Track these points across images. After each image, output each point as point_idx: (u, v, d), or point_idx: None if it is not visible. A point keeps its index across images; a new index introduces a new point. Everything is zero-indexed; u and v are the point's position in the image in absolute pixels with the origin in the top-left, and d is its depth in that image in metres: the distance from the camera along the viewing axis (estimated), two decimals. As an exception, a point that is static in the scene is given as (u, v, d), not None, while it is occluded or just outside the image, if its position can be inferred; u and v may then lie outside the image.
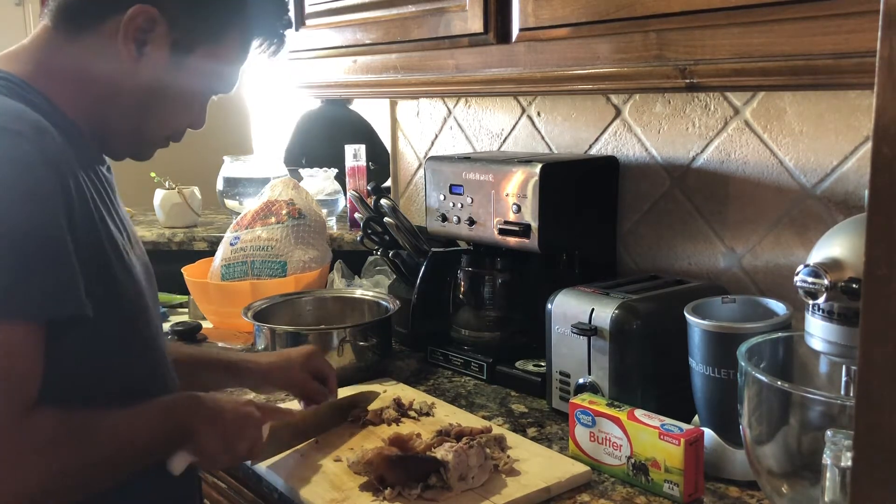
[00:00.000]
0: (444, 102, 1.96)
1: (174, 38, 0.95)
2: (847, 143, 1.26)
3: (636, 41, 1.09)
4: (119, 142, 1.00)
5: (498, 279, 1.55)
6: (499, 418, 1.35)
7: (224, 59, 1.01)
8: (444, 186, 1.56)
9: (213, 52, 0.99)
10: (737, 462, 1.10)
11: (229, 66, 1.03)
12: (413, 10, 1.42)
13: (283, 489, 1.14)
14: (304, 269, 1.88)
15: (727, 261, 1.44)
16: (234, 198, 2.49)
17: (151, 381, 1.01)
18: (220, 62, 1.00)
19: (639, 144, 1.55)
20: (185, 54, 0.96)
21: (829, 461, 0.75)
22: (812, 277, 0.80)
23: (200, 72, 0.99)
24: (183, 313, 2.07)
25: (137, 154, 1.04)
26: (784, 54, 0.94)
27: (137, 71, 0.94)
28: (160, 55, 0.95)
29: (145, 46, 0.94)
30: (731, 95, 1.39)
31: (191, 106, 1.03)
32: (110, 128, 0.98)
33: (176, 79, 0.97)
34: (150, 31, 0.93)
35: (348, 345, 1.49)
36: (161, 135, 1.03)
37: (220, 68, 1.02)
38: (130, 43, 0.93)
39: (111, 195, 1.00)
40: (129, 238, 1.01)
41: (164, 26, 0.94)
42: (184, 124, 1.04)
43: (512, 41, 1.26)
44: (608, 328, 1.23)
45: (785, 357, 1.00)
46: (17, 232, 0.80)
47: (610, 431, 1.13)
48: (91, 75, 0.94)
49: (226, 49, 1.00)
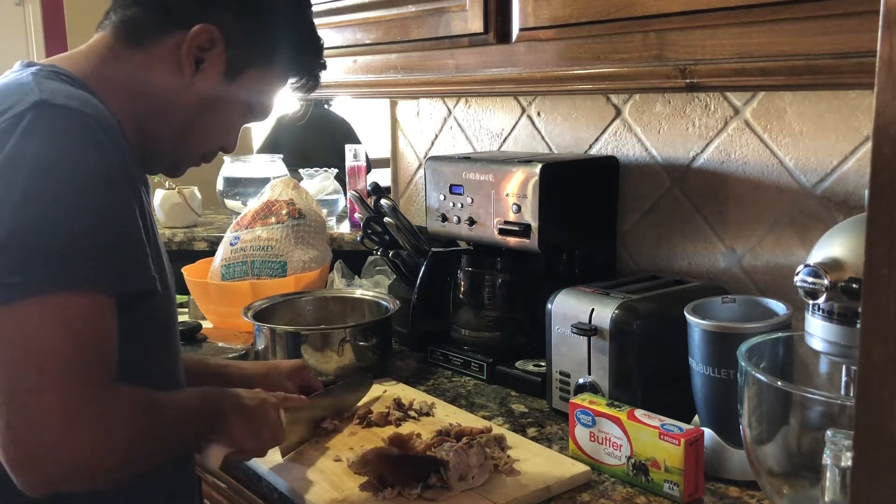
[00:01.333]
0: (444, 102, 1.96)
1: (229, 59, 0.99)
2: (847, 143, 1.26)
3: (636, 41, 1.09)
4: (158, 156, 1.03)
5: (498, 279, 1.55)
6: (499, 418, 1.35)
7: (267, 85, 1.05)
8: (444, 186, 1.56)
9: (261, 76, 1.03)
10: (737, 462, 1.10)
11: (270, 94, 1.07)
12: (413, 10, 1.42)
13: (284, 489, 1.14)
14: (304, 269, 1.88)
15: (727, 261, 1.44)
16: (234, 198, 2.49)
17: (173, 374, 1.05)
18: (263, 88, 1.05)
19: (639, 144, 1.55)
20: (237, 75, 1.00)
21: (829, 461, 0.75)
22: (812, 277, 0.80)
23: (246, 94, 1.03)
24: (183, 313, 2.07)
25: (172, 170, 1.07)
26: (784, 54, 0.94)
27: (192, 87, 0.98)
28: (214, 74, 0.99)
29: (202, 64, 0.98)
30: (731, 95, 1.39)
31: (233, 127, 1.06)
32: (154, 141, 1.01)
33: (224, 98, 1.01)
34: (209, 49, 0.97)
35: (348, 345, 1.49)
36: (198, 153, 1.06)
37: (263, 94, 1.06)
38: (190, 59, 0.97)
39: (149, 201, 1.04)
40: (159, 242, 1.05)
41: (221, 46, 0.98)
42: (220, 145, 1.07)
43: (512, 41, 1.26)
44: (608, 328, 1.23)
45: (785, 357, 1.00)
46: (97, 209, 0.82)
47: (610, 431, 1.13)
48: (146, 87, 0.98)
49: (271, 76, 1.04)
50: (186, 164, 1.07)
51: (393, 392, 1.43)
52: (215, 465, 1.01)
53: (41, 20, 3.61)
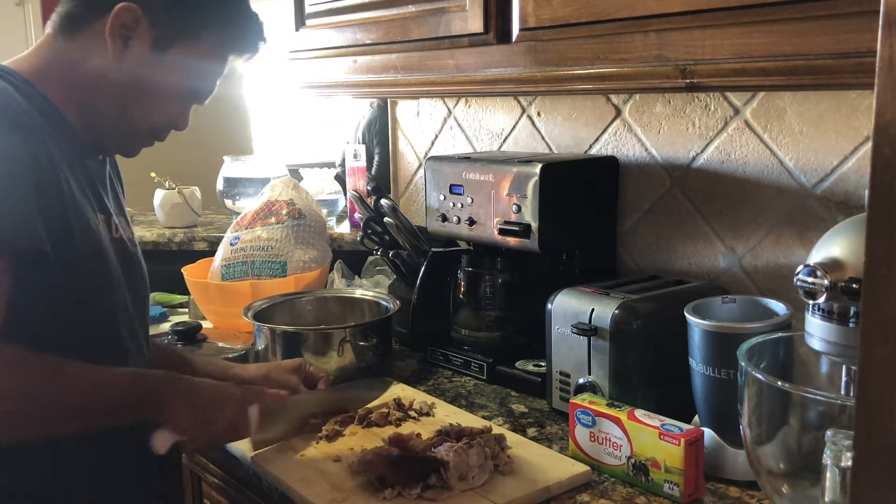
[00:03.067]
0: (444, 102, 1.96)
1: (155, 35, 1.05)
2: (847, 143, 1.26)
3: (636, 41, 1.09)
4: (105, 135, 1.10)
5: (498, 279, 1.55)
6: (499, 418, 1.35)
7: (199, 60, 1.10)
8: (444, 186, 1.56)
9: (190, 51, 1.08)
10: (737, 462, 1.10)
11: (205, 69, 1.12)
12: (413, 10, 1.42)
13: (284, 489, 1.14)
14: (304, 269, 1.88)
15: (727, 261, 1.44)
16: (234, 198, 2.49)
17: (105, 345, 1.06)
18: (195, 62, 1.10)
19: (639, 144, 1.55)
20: (164, 51, 1.06)
21: (829, 461, 0.75)
22: (812, 277, 0.80)
23: (177, 68, 1.08)
24: (183, 313, 2.07)
25: (123, 148, 1.14)
26: (784, 54, 0.94)
27: (121, 64, 1.05)
28: (142, 50, 1.05)
29: (129, 41, 1.04)
30: (731, 95, 1.39)
31: (170, 102, 1.11)
32: (97, 120, 1.07)
33: (155, 73, 1.07)
34: (134, 27, 1.04)
35: (348, 345, 1.49)
36: (144, 129, 1.11)
37: (196, 68, 1.11)
38: (116, 38, 1.04)
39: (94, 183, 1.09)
40: (112, 224, 1.09)
41: (145, 23, 1.04)
42: (165, 121, 1.12)
43: (512, 41, 1.26)
44: (608, 328, 1.23)
45: (785, 357, 1.00)
46: None
47: (610, 431, 1.13)
48: (81, 70, 1.05)
49: (201, 51, 1.09)
50: (135, 141, 1.12)
51: (393, 392, 1.43)
52: (160, 451, 1.02)
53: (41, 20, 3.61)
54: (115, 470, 1.10)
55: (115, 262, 1.07)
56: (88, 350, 1.01)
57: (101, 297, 1.05)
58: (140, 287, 1.16)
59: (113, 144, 1.12)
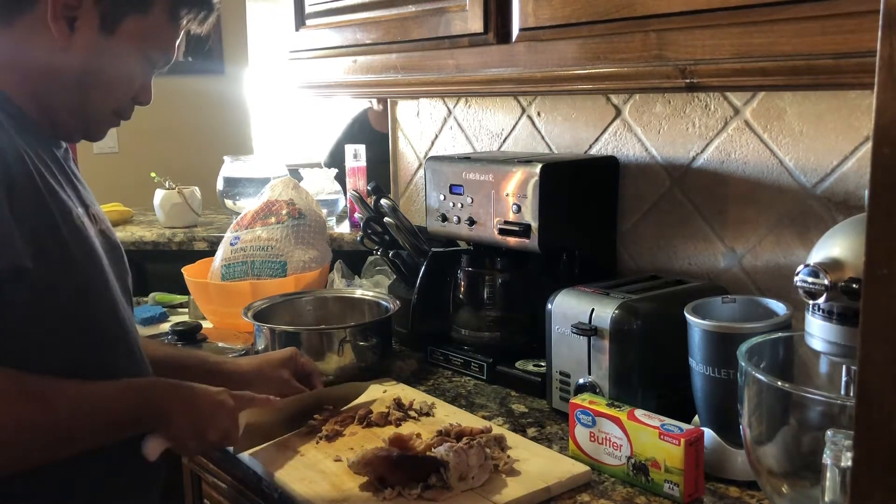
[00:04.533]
0: (444, 102, 1.96)
1: (101, 13, 0.98)
2: (847, 143, 1.26)
3: (636, 41, 1.09)
4: (66, 122, 1.04)
5: (498, 279, 1.55)
6: (499, 418, 1.35)
7: (154, 29, 1.03)
8: (444, 186, 1.56)
9: (142, 23, 1.01)
10: (737, 462, 1.10)
11: (161, 38, 1.05)
12: (413, 10, 1.42)
13: (284, 489, 1.14)
14: (304, 269, 1.88)
15: (727, 261, 1.44)
16: (234, 198, 2.49)
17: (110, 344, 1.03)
18: (150, 33, 1.03)
19: (639, 144, 1.55)
20: (115, 27, 0.99)
21: (829, 461, 0.75)
22: (812, 277, 0.80)
23: (132, 44, 1.01)
24: (183, 313, 2.07)
25: (87, 133, 1.07)
26: (784, 54, 0.94)
27: (71, 49, 0.98)
28: (90, 31, 0.98)
29: (75, 23, 0.97)
30: (731, 95, 1.39)
31: (130, 80, 1.05)
32: (55, 109, 1.01)
33: (109, 53, 1.00)
34: (78, 7, 0.96)
35: (348, 345, 1.49)
36: (107, 111, 1.05)
37: (152, 39, 1.04)
38: (61, 21, 0.96)
39: (68, 174, 1.04)
40: (92, 215, 1.05)
41: (90, 2, 0.97)
42: (127, 99, 1.06)
43: (512, 41, 1.26)
44: (608, 328, 1.23)
45: (785, 357, 1.00)
46: None
47: (610, 431, 1.13)
48: (29, 59, 0.98)
49: (154, 20, 1.02)
50: (100, 124, 1.07)
51: (393, 392, 1.43)
52: (151, 457, 1.00)
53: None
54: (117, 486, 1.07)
55: (104, 256, 1.03)
56: (93, 351, 0.99)
57: (98, 296, 1.01)
58: (125, 277, 1.12)
59: (76, 132, 1.06)
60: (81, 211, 1.01)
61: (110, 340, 1.03)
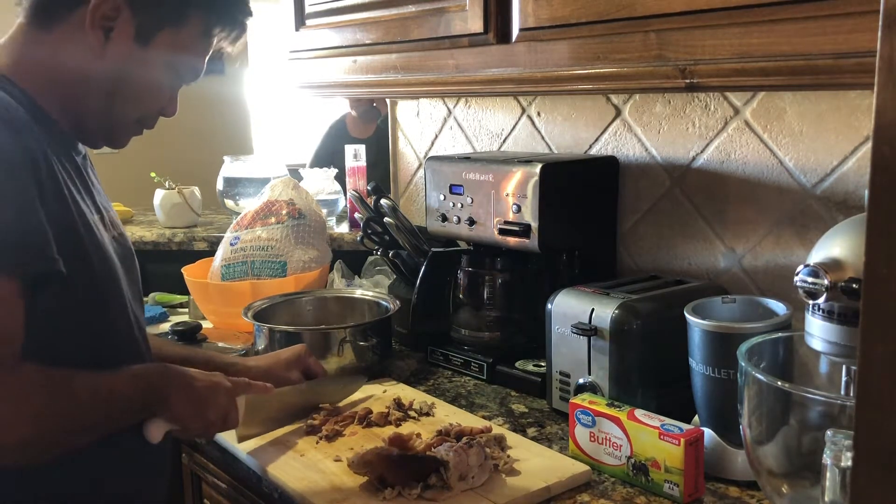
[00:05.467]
0: (444, 102, 1.96)
1: (138, 24, 1.00)
2: (847, 143, 1.26)
3: (636, 41, 1.09)
4: (92, 128, 1.06)
5: (498, 279, 1.55)
6: (499, 418, 1.35)
7: (186, 43, 1.06)
8: (444, 186, 1.56)
9: (176, 36, 1.04)
10: (737, 462, 1.10)
11: (192, 52, 1.07)
12: (413, 10, 1.42)
13: (284, 489, 1.14)
14: (304, 269, 1.88)
15: (727, 261, 1.44)
16: (234, 198, 2.49)
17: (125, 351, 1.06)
18: (182, 47, 1.05)
19: (639, 144, 1.55)
20: (149, 39, 1.02)
21: (829, 461, 0.75)
22: (812, 277, 0.80)
23: (164, 56, 1.04)
24: (183, 313, 2.07)
25: (111, 141, 1.09)
26: (784, 54, 0.94)
27: (104, 57, 1.00)
28: (125, 40, 1.00)
29: (111, 32, 0.99)
30: (731, 95, 1.39)
31: (159, 91, 1.07)
32: (82, 115, 1.03)
33: (141, 63, 1.03)
34: (115, 17, 0.99)
35: (348, 345, 1.49)
36: (132, 119, 1.07)
37: (184, 53, 1.06)
38: (97, 30, 0.99)
39: (86, 180, 1.06)
40: (107, 221, 1.07)
41: (127, 12, 0.99)
42: (153, 110, 1.09)
43: (512, 41, 1.26)
44: (608, 328, 1.23)
45: (785, 357, 1.00)
46: None
47: (610, 431, 1.13)
48: (62, 64, 1.00)
49: (188, 34, 1.05)
50: (123, 132, 1.08)
51: (393, 392, 1.43)
52: (154, 440, 1.02)
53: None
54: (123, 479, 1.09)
55: (118, 263, 1.05)
56: (105, 355, 1.00)
57: (110, 301, 1.03)
58: (137, 281, 1.14)
59: (100, 138, 1.07)
60: (97, 217, 1.03)
61: (121, 346, 1.06)
